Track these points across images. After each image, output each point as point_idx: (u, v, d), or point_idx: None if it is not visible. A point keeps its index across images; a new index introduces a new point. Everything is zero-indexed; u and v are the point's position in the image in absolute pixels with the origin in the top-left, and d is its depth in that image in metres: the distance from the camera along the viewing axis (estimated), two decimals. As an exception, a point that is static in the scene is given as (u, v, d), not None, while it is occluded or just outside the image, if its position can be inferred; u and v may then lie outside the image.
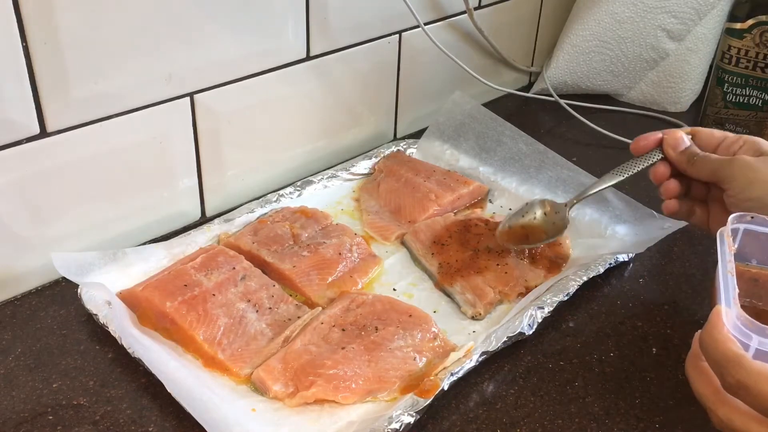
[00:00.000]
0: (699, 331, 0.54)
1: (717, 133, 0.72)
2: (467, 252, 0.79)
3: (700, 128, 0.73)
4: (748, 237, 0.64)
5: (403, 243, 0.83)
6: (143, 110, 0.76)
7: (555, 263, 0.80)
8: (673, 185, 0.73)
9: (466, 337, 0.71)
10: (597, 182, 0.77)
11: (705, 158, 0.70)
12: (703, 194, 0.74)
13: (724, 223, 0.67)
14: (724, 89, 0.95)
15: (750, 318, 0.52)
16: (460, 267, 0.77)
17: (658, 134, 0.74)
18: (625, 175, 0.75)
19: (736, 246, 0.62)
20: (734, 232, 0.63)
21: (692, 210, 0.74)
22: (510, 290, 0.76)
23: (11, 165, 0.68)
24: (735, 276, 0.56)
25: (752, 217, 0.63)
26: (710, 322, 0.52)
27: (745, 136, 0.70)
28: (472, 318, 0.73)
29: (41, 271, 0.74)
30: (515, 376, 0.68)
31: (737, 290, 0.54)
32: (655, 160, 0.74)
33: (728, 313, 0.53)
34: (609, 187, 0.77)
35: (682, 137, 0.72)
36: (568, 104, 1.13)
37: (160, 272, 0.73)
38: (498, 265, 0.77)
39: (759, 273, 0.65)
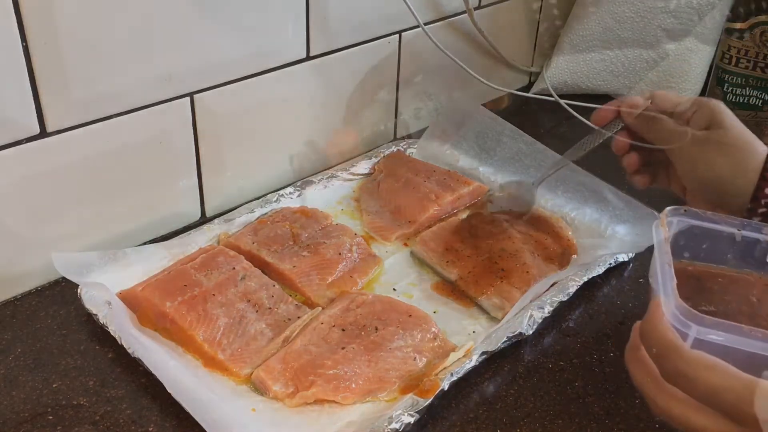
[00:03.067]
0: (638, 321, 0.55)
1: (673, 97, 0.73)
2: (483, 256, 0.79)
3: (657, 91, 0.75)
4: (681, 230, 0.64)
5: (412, 254, 0.82)
6: (143, 110, 0.75)
7: (565, 257, 0.81)
8: (634, 158, 0.75)
9: (466, 337, 0.71)
10: (560, 159, 0.79)
11: (660, 126, 0.71)
12: (663, 156, 0.74)
13: (682, 185, 0.68)
14: (724, 89, 0.95)
15: (689, 308, 0.52)
16: (482, 273, 0.77)
17: (617, 102, 0.75)
18: (587, 149, 0.76)
19: (670, 239, 0.61)
20: (669, 225, 0.63)
21: (655, 175, 0.76)
22: None
23: (11, 165, 0.68)
24: (672, 267, 0.56)
25: (685, 211, 0.63)
26: (650, 312, 0.53)
27: (700, 101, 0.71)
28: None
29: (41, 271, 0.74)
30: (515, 376, 0.68)
31: (675, 281, 0.55)
32: (616, 129, 0.75)
33: (667, 304, 0.53)
34: (573, 161, 0.78)
35: (639, 101, 0.74)
36: (568, 104, 1.12)
37: (160, 272, 0.73)
38: (517, 265, 0.77)
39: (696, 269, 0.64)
